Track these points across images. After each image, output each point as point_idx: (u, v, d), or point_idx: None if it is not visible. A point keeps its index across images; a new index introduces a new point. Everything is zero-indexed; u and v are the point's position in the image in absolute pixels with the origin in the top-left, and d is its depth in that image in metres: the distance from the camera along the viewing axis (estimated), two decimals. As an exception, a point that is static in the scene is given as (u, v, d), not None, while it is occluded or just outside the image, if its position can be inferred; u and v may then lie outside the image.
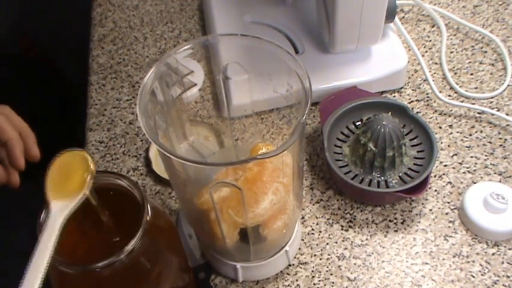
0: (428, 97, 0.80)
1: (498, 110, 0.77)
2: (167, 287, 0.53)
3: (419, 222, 0.68)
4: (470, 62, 0.83)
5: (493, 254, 0.65)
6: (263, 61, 0.54)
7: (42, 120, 1.17)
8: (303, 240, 0.67)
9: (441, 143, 0.75)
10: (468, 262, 0.64)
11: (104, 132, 0.79)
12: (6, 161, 0.54)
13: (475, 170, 0.72)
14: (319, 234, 0.68)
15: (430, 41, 0.86)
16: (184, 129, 0.62)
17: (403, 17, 0.90)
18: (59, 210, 0.45)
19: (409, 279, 0.64)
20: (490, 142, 0.74)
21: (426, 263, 0.65)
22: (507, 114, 0.76)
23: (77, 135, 0.83)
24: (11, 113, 0.54)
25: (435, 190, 0.70)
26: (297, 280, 0.65)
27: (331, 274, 0.65)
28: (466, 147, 0.74)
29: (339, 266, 0.65)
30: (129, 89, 0.84)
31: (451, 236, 0.67)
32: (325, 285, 0.64)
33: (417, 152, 0.70)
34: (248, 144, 0.68)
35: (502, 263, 0.64)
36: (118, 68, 0.87)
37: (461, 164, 0.73)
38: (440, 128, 0.76)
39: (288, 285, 0.64)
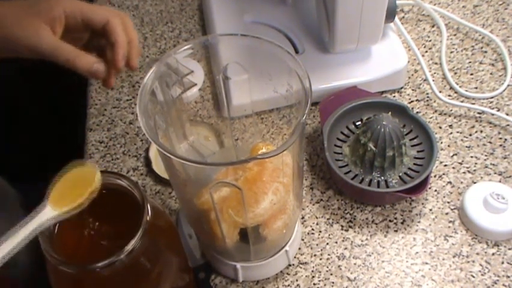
0: (428, 97, 0.80)
1: (498, 110, 0.77)
2: (167, 287, 0.53)
3: (419, 222, 0.68)
4: (470, 62, 0.83)
5: (493, 254, 0.65)
6: (263, 61, 0.54)
7: (42, 120, 1.17)
8: (303, 240, 0.67)
9: (441, 143, 0.75)
10: (468, 262, 0.64)
11: (104, 132, 0.79)
12: (108, 61, 0.58)
13: (475, 170, 0.72)
14: (319, 234, 0.68)
15: (430, 41, 0.86)
16: (184, 129, 0.62)
17: (403, 17, 0.90)
18: (50, 212, 0.46)
19: (409, 279, 0.64)
20: (490, 142, 0.74)
21: (426, 263, 0.65)
22: (507, 114, 0.76)
23: (77, 135, 0.83)
24: (128, 22, 0.58)
25: (435, 190, 0.70)
26: (297, 280, 0.65)
27: (331, 274, 0.65)
28: (466, 147, 0.74)
29: (339, 266, 0.65)
30: (129, 89, 0.84)
31: (451, 236, 0.67)
32: (325, 285, 0.64)
33: (417, 152, 0.70)
34: (248, 144, 0.68)
35: (502, 263, 0.64)
36: (118, 68, 0.87)
37: (461, 164, 0.73)
38: (440, 128, 0.76)
39: (288, 285, 0.64)
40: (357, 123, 0.73)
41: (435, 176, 0.72)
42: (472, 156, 0.73)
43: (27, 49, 0.54)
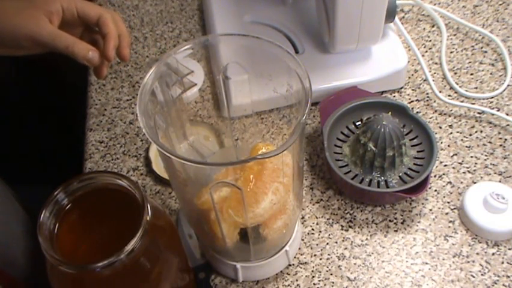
0: (428, 97, 0.80)
1: (498, 110, 0.77)
2: (167, 287, 0.53)
3: (419, 222, 0.68)
4: (470, 62, 0.83)
5: (493, 254, 0.65)
6: (263, 61, 0.54)
7: (42, 120, 1.17)
8: (303, 240, 0.67)
9: (441, 143, 0.75)
10: (468, 262, 0.64)
11: (104, 132, 0.79)
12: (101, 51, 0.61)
13: (475, 170, 0.72)
14: (319, 234, 0.68)
15: (430, 41, 0.86)
16: (184, 129, 0.62)
17: (403, 17, 0.90)
18: None
19: (409, 279, 0.64)
20: (490, 142, 0.74)
21: (426, 263, 0.65)
22: (507, 114, 0.76)
23: (77, 135, 0.83)
24: (118, 18, 0.63)
25: (435, 190, 0.70)
26: (297, 280, 0.65)
27: (331, 274, 0.65)
28: (466, 147, 0.74)
29: (339, 266, 0.65)
30: (129, 89, 0.84)
31: (451, 236, 0.67)
32: (325, 285, 0.64)
33: (417, 152, 0.70)
34: (248, 144, 0.68)
35: (502, 263, 0.64)
36: (118, 68, 0.87)
37: (461, 164, 0.73)
38: (440, 128, 0.76)
39: (288, 285, 0.64)
40: (357, 123, 0.73)
41: (435, 176, 0.72)
42: (472, 156, 0.73)
43: (28, 38, 0.57)
